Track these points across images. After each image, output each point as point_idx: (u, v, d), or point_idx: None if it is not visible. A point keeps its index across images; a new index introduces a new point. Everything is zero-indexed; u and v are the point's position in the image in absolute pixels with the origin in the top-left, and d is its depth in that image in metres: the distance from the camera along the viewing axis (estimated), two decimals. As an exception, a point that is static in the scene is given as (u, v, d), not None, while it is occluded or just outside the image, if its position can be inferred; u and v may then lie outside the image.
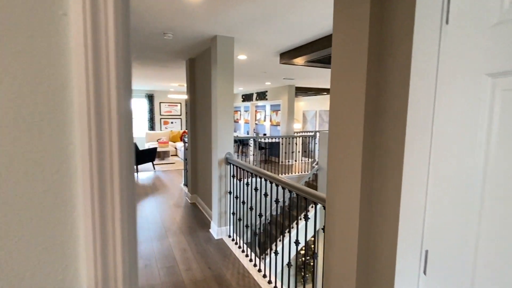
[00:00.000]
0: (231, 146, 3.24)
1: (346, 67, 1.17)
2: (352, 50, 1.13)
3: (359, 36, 1.08)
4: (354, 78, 1.13)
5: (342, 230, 1.21)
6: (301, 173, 6.82)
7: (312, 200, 1.85)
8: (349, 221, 1.18)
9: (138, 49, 3.76)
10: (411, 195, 0.91)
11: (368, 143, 1.10)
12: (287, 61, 3.90)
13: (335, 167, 1.23)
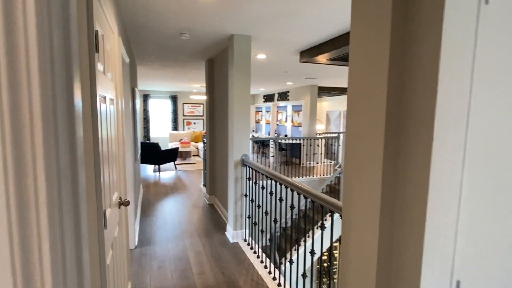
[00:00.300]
0: (248, 148, 3.16)
1: (365, 62, 1.03)
2: (373, 43, 0.99)
3: (381, 26, 0.94)
4: (374, 74, 0.99)
5: (358, 247, 1.07)
6: (323, 176, 6.60)
7: (328, 209, 1.70)
8: (366, 237, 1.04)
9: (157, 50, 3.80)
10: (439, 212, 0.76)
11: (390, 147, 0.96)
12: (307, 60, 3.74)
13: (352, 173, 1.09)
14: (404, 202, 0.92)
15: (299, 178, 6.27)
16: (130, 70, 3.27)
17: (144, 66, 5.10)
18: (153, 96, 10.16)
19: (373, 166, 0.97)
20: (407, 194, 0.91)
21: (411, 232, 0.89)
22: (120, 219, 1.80)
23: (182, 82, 7.59)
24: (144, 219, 3.85)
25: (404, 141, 0.94)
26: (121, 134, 1.90)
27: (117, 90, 1.81)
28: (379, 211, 0.99)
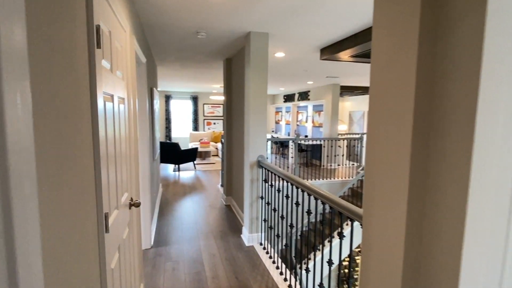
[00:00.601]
0: (264, 149, 3.06)
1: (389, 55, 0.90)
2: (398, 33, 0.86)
3: (408, 12, 0.81)
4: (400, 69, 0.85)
5: (380, 263, 0.94)
6: (345, 179, 6.35)
7: (347, 216, 1.57)
8: (389, 252, 0.90)
9: (175, 50, 3.80)
10: (481, 226, 0.62)
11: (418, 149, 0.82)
12: (328, 57, 3.58)
13: (373, 179, 0.96)
14: (435, 210, 0.78)
15: (320, 181, 6.08)
16: (148, 70, 3.28)
17: (164, 67, 5.16)
18: (175, 97, 10.34)
19: (398, 171, 0.84)
20: (439, 201, 0.76)
21: (444, 251, 0.74)
22: (130, 220, 1.77)
23: (202, 82, 7.64)
24: (161, 219, 3.87)
25: (435, 143, 0.80)
26: (133, 134, 1.87)
27: (129, 89, 1.78)
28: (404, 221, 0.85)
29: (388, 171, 0.88)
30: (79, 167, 0.85)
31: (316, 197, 1.90)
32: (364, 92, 8.72)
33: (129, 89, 1.79)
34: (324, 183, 6.19)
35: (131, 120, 1.82)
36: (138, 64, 2.76)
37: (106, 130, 1.19)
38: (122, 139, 1.56)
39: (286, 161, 8.30)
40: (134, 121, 2.01)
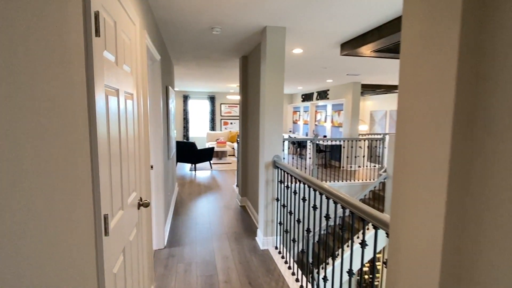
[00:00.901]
0: (280, 149, 2.93)
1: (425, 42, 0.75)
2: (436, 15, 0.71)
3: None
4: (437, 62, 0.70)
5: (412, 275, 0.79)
6: (365, 181, 6.09)
7: (372, 223, 1.41)
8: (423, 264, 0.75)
9: (190, 48, 3.75)
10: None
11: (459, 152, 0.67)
12: (349, 52, 3.39)
13: (404, 183, 0.82)
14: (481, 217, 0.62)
15: (339, 183, 5.85)
16: (163, 68, 3.25)
17: (181, 66, 5.15)
18: (193, 97, 10.42)
19: (434, 173, 0.69)
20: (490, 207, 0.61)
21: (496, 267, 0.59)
22: (139, 221, 1.70)
23: (219, 82, 7.61)
24: (175, 218, 3.83)
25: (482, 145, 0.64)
26: (143, 132, 1.81)
27: (138, 85, 1.72)
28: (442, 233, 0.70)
29: (421, 174, 0.73)
30: (70, 167, 0.77)
31: (335, 201, 1.76)
32: (386, 91, 8.35)
33: (139, 85, 1.73)
34: (343, 185, 5.95)
35: (141, 118, 1.75)
36: (152, 61, 2.72)
37: (109, 126, 1.12)
38: (130, 136, 1.49)
39: (303, 162, 8.10)
40: (145, 119, 1.95)
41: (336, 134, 8.18)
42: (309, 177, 2.19)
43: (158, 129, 2.83)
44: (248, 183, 4.27)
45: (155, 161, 2.85)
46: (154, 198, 2.89)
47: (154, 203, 2.89)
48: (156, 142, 2.83)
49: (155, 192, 2.88)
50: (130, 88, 1.52)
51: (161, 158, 2.87)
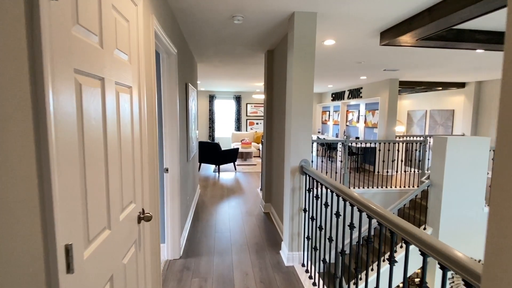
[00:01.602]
0: (308, 152, 2.56)
1: None
2: None
3: None
4: None
5: None
6: (403, 188, 5.48)
7: (438, 261, 1.01)
8: None
9: (212, 42, 3.50)
10: None
11: None
12: (391, 41, 2.93)
13: None
14: None
15: (374, 189, 5.32)
16: (181, 63, 3.02)
17: (204, 63, 4.95)
18: (219, 97, 10.29)
19: None
20: None
21: None
22: (140, 238, 1.44)
23: (245, 80, 7.35)
24: (195, 224, 3.60)
25: None
26: (147, 131, 1.55)
27: (141, 77, 1.46)
28: None
29: None
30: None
31: (380, 223, 1.37)
32: (427, 88, 7.56)
33: (142, 77, 1.47)
34: (378, 192, 5.41)
35: (143, 115, 1.49)
36: (167, 55, 2.49)
37: (83, 124, 0.85)
38: (126, 137, 1.23)
39: (333, 165, 7.59)
40: (151, 117, 1.70)
41: (369, 135, 7.56)
42: (343, 188, 1.81)
43: (174, 129, 2.60)
44: (272, 189, 3.94)
45: (170, 164, 2.61)
46: (169, 204, 2.66)
47: (169, 209, 2.66)
48: (171, 143, 2.60)
49: (170, 197, 2.65)
50: (127, 79, 1.26)
51: (176, 160, 2.63)
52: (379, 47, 3.55)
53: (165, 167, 2.61)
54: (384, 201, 5.48)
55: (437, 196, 4.34)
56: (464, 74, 5.80)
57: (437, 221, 4.37)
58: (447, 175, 4.22)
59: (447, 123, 7.84)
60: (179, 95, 2.85)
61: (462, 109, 7.37)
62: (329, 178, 2.04)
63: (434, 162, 4.40)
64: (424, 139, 5.46)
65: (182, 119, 3.07)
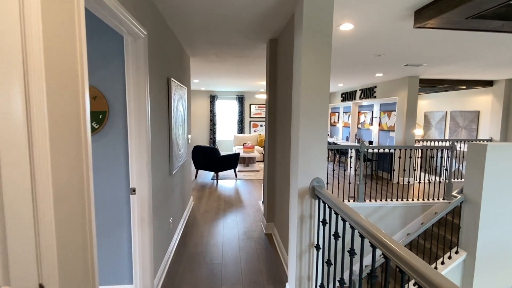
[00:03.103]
0: (323, 168, 1.89)
1: None
2: None
3: None
4: None
5: None
6: (427, 201, 4.76)
7: None
8: None
9: (202, 27, 2.85)
10: None
11: None
12: (428, 22, 2.24)
13: None
14: None
15: (392, 202, 4.61)
16: (158, 51, 2.38)
17: (198, 58, 4.32)
18: (220, 97, 9.67)
19: None
20: None
21: None
22: None
23: (247, 79, 6.71)
24: (180, 252, 2.95)
25: None
26: (26, 138, 0.90)
27: (28, 63, 0.82)
28: None
29: None
30: None
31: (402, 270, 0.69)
32: (449, 87, 6.80)
33: (32, 63, 0.83)
34: (398, 206, 4.69)
35: (36, 118, 0.85)
36: (133, 38, 1.85)
37: None
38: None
39: (345, 172, 6.87)
40: (40, 117, 1.05)
41: (384, 139, 6.83)
42: (375, 230, 1.13)
43: (143, 136, 1.95)
44: (275, 206, 3.27)
45: (138, 182, 1.97)
46: (137, 236, 2.02)
47: (137, 242, 2.02)
48: (139, 155, 1.96)
49: (139, 226, 2.01)
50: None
51: (146, 177, 1.98)
52: (408, 34, 2.86)
53: (131, 187, 1.97)
54: (404, 216, 4.76)
55: (473, 215, 3.62)
56: (494, 70, 5.05)
57: (472, 244, 3.65)
58: (487, 189, 3.50)
59: (471, 126, 7.06)
60: (156, 92, 2.22)
61: (489, 110, 6.59)
62: (350, 208, 1.37)
63: (470, 173, 3.67)
64: (452, 145, 4.73)
65: (161, 122, 2.43)
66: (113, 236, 2.04)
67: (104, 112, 1.98)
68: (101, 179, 2.00)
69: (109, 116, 1.99)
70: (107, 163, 1.99)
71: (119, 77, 1.97)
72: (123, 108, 1.99)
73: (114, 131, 1.99)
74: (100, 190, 2.00)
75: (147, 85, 1.97)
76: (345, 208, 1.44)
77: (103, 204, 2.01)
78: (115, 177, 2.00)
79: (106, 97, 1.97)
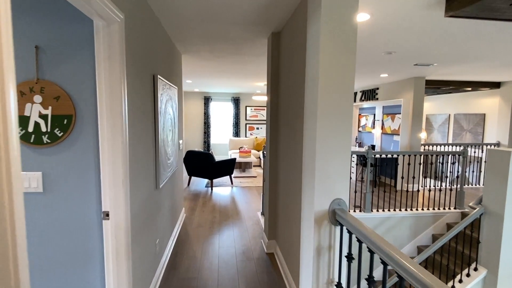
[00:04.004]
0: (345, 187, 1.51)
1: None
2: None
3: None
4: None
5: None
6: (437, 210, 4.44)
7: None
8: None
9: (195, 16, 2.46)
10: None
11: None
12: (463, 10, 1.89)
13: None
14: None
15: (401, 212, 4.27)
16: (140, 40, 1.98)
17: (190, 55, 3.92)
18: (215, 99, 9.26)
19: None
20: None
21: None
22: None
23: (243, 79, 6.33)
24: (168, 278, 2.53)
25: None
26: None
27: None
28: None
29: None
30: None
31: None
32: (454, 89, 6.53)
33: None
34: (407, 216, 4.36)
35: None
36: (106, 23, 1.45)
37: None
38: None
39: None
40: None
41: (387, 143, 6.52)
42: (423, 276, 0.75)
43: (117, 145, 1.55)
44: (278, 221, 2.88)
45: (112, 204, 1.56)
46: (111, 269, 1.61)
47: (112, 282, 1.61)
48: (114, 170, 1.55)
49: (114, 261, 1.59)
50: None
51: (122, 197, 1.57)
52: (430, 27, 2.52)
53: (104, 211, 1.56)
54: (414, 227, 4.43)
55: (495, 228, 3.28)
56: (504, 71, 4.76)
57: (494, 261, 3.32)
58: (511, 200, 3.18)
59: (476, 129, 6.80)
60: (137, 91, 1.82)
61: (496, 113, 6.33)
62: (392, 247, 1.00)
63: (490, 182, 3.35)
64: (464, 150, 4.41)
65: (144, 127, 2.02)
66: (80, 274, 1.62)
67: (69, 116, 1.57)
68: (64, 201, 1.58)
69: (76, 121, 1.58)
70: (72, 181, 1.58)
71: (89, 73, 1.56)
72: (94, 111, 1.58)
73: (83, 140, 1.58)
74: (63, 215, 1.59)
75: (124, 82, 1.57)
76: (381, 243, 1.06)
77: (67, 233, 1.60)
78: (83, 199, 1.59)
79: (72, 97, 1.56)
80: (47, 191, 1.58)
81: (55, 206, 1.58)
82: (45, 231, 1.59)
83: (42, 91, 1.54)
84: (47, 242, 1.58)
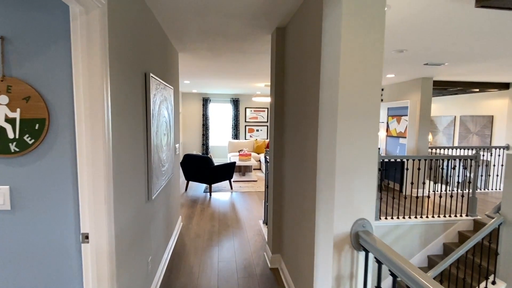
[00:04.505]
0: (371, 203, 1.27)
1: None
2: None
3: None
4: None
5: None
6: (448, 218, 4.22)
7: None
8: None
9: (193, 7, 2.22)
10: None
11: None
12: (496, 0, 1.66)
13: None
14: None
15: (411, 220, 4.04)
16: (127, 32, 1.74)
17: (187, 53, 3.68)
18: (213, 100, 9.03)
19: None
20: None
21: None
22: None
23: (243, 80, 6.09)
24: (162, 297, 2.28)
25: None
26: None
27: None
28: None
29: None
30: None
31: None
32: (461, 90, 6.32)
33: None
34: (417, 224, 4.13)
35: None
36: (83, 8, 1.21)
37: None
38: None
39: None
40: None
41: (393, 146, 6.30)
42: None
43: (99, 154, 1.30)
44: (283, 236, 2.64)
45: (92, 226, 1.32)
46: (92, 303, 1.35)
47: (91, 315, 1.35)
48: (94, 184, 1.30)
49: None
50: None
51: (106, 216, 1.33)
52: (454, 21, 2.29)
53: (83, 233, 1.31)
54: (424, 236, 4.19)
55: None
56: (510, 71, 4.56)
57: (514, 274, 3.09)
58: (533, 210, 2.95)
59: (483, 132, 6.59)
60: (124, 91, 1.57)
61: (505, 115, 6.13)
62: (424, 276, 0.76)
63: (510, 190, 3.12)
64: (476, 154, 4.18)
65: (133, 132, 1.78)
66: (54, 307, 1.36)
67: (42, 120, 1.32)
68: (36, 221, 1.33)
69: (49, 126, 1.33)
70: (46, 197, 1.33)
71: (66, 69, 1.32)
72: (72, 114, 1.33)
73: (58, 148, 1.33)
74: (35, 238, 1.34)
75: (107, 80, 1.32)
76: (420, 278, 0.81)
77: (39, 259, 1.34)
78: (59, 218, 1.34)
79: (44, 97, 1.32)
80: (15, 209, 1.33)
81: (25, 226, 1.33)
82: (13, 257, 1.33)
83: (8, 91, 1.30)
84: (15, 270, 1.33)
